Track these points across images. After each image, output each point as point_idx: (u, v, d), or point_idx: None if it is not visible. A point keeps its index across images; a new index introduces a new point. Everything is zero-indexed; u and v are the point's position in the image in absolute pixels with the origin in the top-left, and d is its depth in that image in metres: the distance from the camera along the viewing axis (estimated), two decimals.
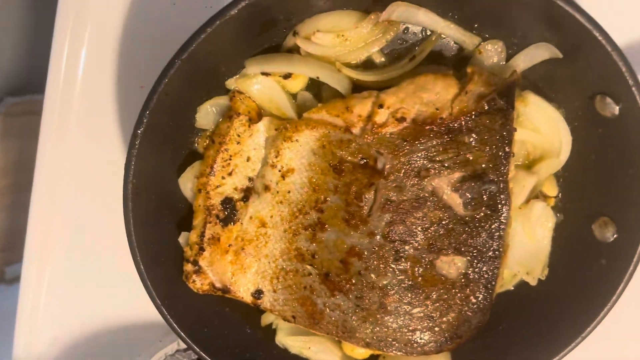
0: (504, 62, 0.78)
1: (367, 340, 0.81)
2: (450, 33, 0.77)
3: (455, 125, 0.74)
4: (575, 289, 0.81)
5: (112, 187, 0.84)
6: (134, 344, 1.01)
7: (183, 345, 1.00)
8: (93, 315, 1.01)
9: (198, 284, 0.81)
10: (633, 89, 0.65)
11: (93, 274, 0.99)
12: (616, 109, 0.70)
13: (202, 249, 0.80)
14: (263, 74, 0.78)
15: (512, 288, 0.88)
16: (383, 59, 0.81)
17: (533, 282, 0.84)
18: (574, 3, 0.66)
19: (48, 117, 0.92)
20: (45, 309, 1.00)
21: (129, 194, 0.72)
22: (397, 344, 0.81)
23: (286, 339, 0.87)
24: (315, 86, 0.82)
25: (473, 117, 0.73)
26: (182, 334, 0.80)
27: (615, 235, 0.77)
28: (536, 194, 0.83)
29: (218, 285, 0.82)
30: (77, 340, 1.02)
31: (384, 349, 0.81)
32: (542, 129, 0.79)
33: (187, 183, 0.82)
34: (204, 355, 0.81)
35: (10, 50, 1.61)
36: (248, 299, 0.82)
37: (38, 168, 0.94)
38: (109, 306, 1.01)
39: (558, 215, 0.84)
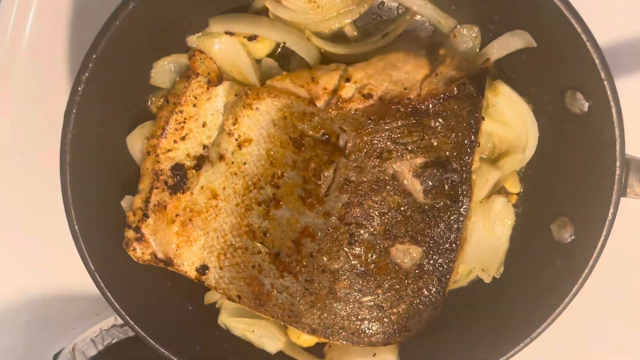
0: (478, 49, 0.78)
1: (314, 326, 0.80)
2: (427, 12, 0.77)
3: (423, 107, 0.73)
4: (529, 290, 0.81)
5: (52, 148, 0.79)
6: (70, 317, 1.00)
7: (119, 322, 0.99)
8: (28, 283, 0.99)
9: (139, 253, 0.78)
10: (605, 83, 0.65)
11: (29, 237, 0.96)
12: (586, 106, 0.70)
13: (146, 216, 0.77)
14: (227, 33, 0.76)
15: (466, 285, 0.88)
16: (355, 33, 0.80)
17: (488, 280, 0.84)
18: None
19: None
20: None
21: (67, 145, 0.68)
22: (344, 333, 0.80)
23: (229, 320, 0.85)
24: (283, 57, 0.80)
25: (441, 100, 0.72)
26: (116, 304, 0.77)
27: (572, 237, 0.77)
28: (498, 190, 0.83)
29: (160, 256, 0.79)
30: (10, 309, 0.99)
31: (330, 337, 0.81)
32: (510, 122, 0.79)
33: (135, 143, 0.79)
34: (138, 329, 0.79)
35: None
36: (192, 274, 0.79)
37: None
38: (45, 274, 0.98)
39: (518, 212, 0.84)
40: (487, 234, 0.83)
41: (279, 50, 0.80)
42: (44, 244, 0.96)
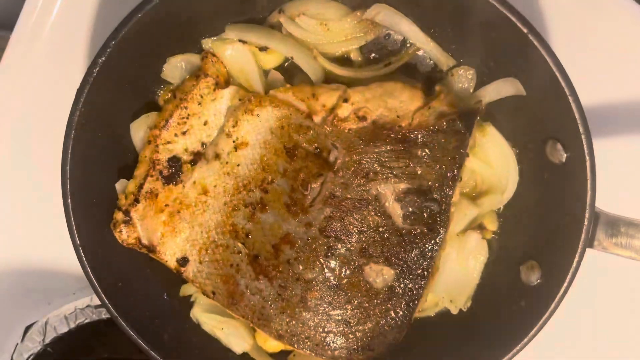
0: (472, 90, 0.81)
1: (281, 332, 0.81)
2: (429, 49, 0.81)
3: (412, 136, 0.76)
4: (491, 326, 0.83)
5: (59, 127, 0.81)
6: (47, 291, 1.00)
7: (95, 303, 0.99)
8: (11, 253, 1.00)
9: (124, 235, 0.80)
10: (583, 137, 0.69)
11: (20, 207, 0.98)
12: (564, 156, 0.73)
13: (137, 201, 0.80)
14: (241, 41, 0.80)
15: (433, 315, 0.89)
16: (360, 58, 0.84)
17: (454, 311, 0.86)
18: (549, 48, 0.70)
19: (11, 50, 0.92)
20: None
21: (75, 122, 0.71)
22: (309, 343, 0.82)
23: (201, 315, 0.87)
24: (289, 71, 0.84)
25: (430, 132, 0.76)
26: (95, 282, 0.79)
27: (539, 280, 0.79)
28: (475, 226, 0.85)
29: (145, 241, 0.81)
30: None
31: (295, 345, 0.82)
32: (494, 164, 0.82)
33: (139, 130, 0.82)
34: (112, 310, 0.80)
35: None
36: (172, 264, 0.81)
37: None
38: (29, 246, 1.00)
39: (491, 250, 0.86)
40: (460, 267, 0.85)
41: (286, 64, 0.83)
42: (33, 217, 0.98)
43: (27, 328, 0.99)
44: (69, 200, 0.74)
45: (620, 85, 0.91)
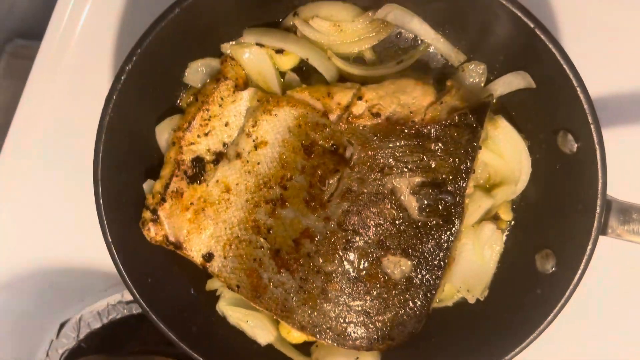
0: (483, 84, 0.83)
1: (303, 323, 0.83)
2: (439, 46, 0.82)
3: (425, 130, 0.78)
4: (508, 314, 0.85)
5: (88, 131, 0.85)
6: (79, 290, 1.03)
7: (126, 299, 1.02)
8: (47, 253, 1.03)
9: (152, 233, 0.83)
10: (592, 127, 0.70)
11: (54, 212, 1.01)
12: (575, 147, 0.75)
13: (163, 200, 0.83)
14: (258, 44, 0.82)
15: (451, 305, 0.91)
16: (373, 57, 0.85)
17: (472, 300, 0.88)
18: (555, 41, 0.71)
19: (41, 59, 0.96)
20: (1, 241, 1.02)
21: (105, 126, 0.74)
22: (330, 333, 0.84)
23: (227, 308, 0.89)
24: (304, 72, 0.86)
25: (443, 126, 0.77)
26: (127, 278, 0.81)
27: (554, 268, 0.81)
28: (490, 217, 0.87)
29: (172, 238, 0.84)
30: (26, 275, 1.03)
31: (317, 335, 0.84)
32: (506, 155, 0.83)
33: (163, 133, 0.85)
34: (143, 304, 0.83)
35: None
36: (198, 259, 0.84)
37: (22, 102, 0.99)
38: (63, 247, 1.03)
39: (507, 240, 0.88)
40: (476, 257, 0.87)
41: (302, 65, 0.85)
42: (66, 219, 1.01)
43: (62, 325, 1.02)
44: (101, 201, 0.77)
45: (628, 75, 0.92)
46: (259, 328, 0.89)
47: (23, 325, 1.04)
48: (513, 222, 0.87)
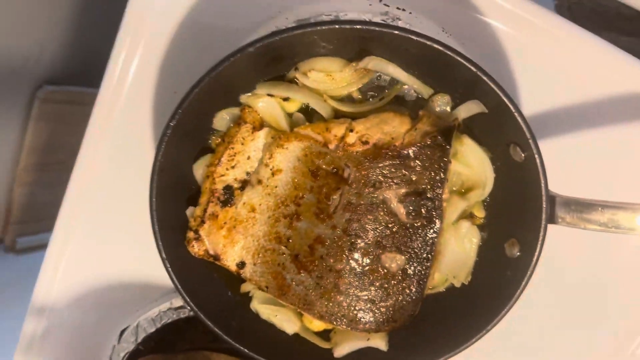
0: (450, 110, 0.90)
1: (322, 313, 0.89)
2: (411, 83, 0.90)
3: (405, 152, 0.86)
4: (487, 293, 0.91)
5: (140, 171, 0.92)
6: (135, 301, 1.09)
7: (174, 305, 1.12)
8: (106, 272, 1.09)
9: (196, 249, 0.90)
10: (530, 141, 0.82)
11: (114, 237, 1.08)
12: (522, 156, 0.83)
13: (203, 222, 0.89)
14: (269, 95, 0.90)
15: (444, 290, 1.02)
16: (359, 96, 0.92)
17: (458, 285, 0.94)
18: (494, 80, 0.81)
19: (98, 109, 1.05)
20: (68, 262, 1.07)
21: (157, 170, 0.84)
22: (345, 320, 0.89)
23: (259, 306, 0.95)
24: (307, 113, 0.92)
25: (419, 147, 0.85)
26: (179, 286, 0.91)
27: (518, 253, 0.88)
28: (466, 215, 0.98)
29: (211, 252, 0.89)
30: (87, 291, 1.10)
31: (334, 322, 0.89)
32: (473, 165, 0.91)
33: (199, 169, 0.93)
34: (194, 307, 0.89)
35: (56, 43, 1.62)
36: (233, 267, 0.89)
37: (83, 149, 1.08)
38: (121, 265, 1.09)
39: (483, 233, 0.94)
40: (458, 249, 0.93)
41: (305, 107, 0.92)
42: (124, 243, 1.07)
43: (122, 332, 1.07)
44: (156, 227, 0.86)
45: (557, 95, 1.04)
46: (286, 321, 0.94)
47: (88, 335, 1.10)
48: (485, 218, 0.93)
